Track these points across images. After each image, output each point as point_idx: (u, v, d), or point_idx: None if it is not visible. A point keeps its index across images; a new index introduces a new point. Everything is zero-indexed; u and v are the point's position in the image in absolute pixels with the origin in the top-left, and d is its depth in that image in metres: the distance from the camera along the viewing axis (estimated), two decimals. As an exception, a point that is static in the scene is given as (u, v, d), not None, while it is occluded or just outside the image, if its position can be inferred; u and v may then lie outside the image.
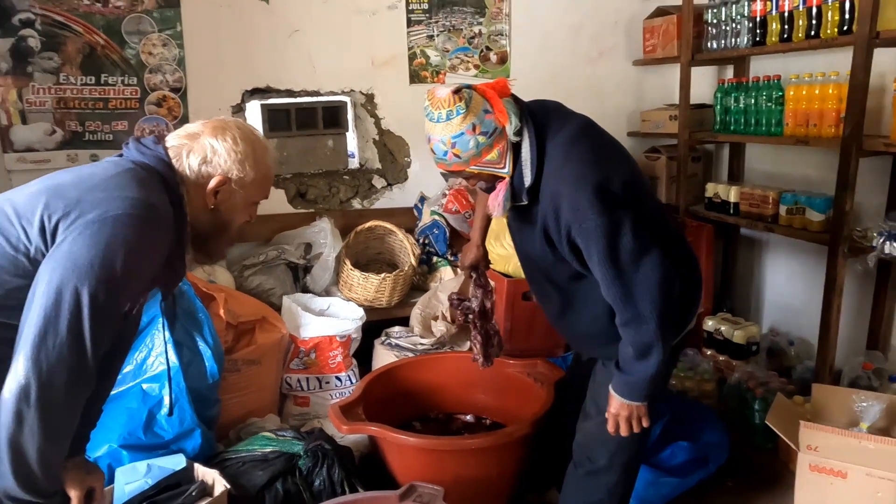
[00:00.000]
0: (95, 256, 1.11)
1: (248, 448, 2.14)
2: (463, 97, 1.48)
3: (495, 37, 3.56)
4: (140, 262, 1.18)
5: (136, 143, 1.32)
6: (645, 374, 1.54)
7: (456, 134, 1.48)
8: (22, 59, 2.96)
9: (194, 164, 1.30)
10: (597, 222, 1.45)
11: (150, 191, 1.21)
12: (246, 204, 1.39)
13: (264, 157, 1.38)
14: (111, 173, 1.22)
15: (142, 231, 1.16)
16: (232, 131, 1.34)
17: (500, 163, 1.53)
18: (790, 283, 3.14)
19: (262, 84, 3.30)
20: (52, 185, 1.22)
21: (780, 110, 2.70)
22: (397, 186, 3.58)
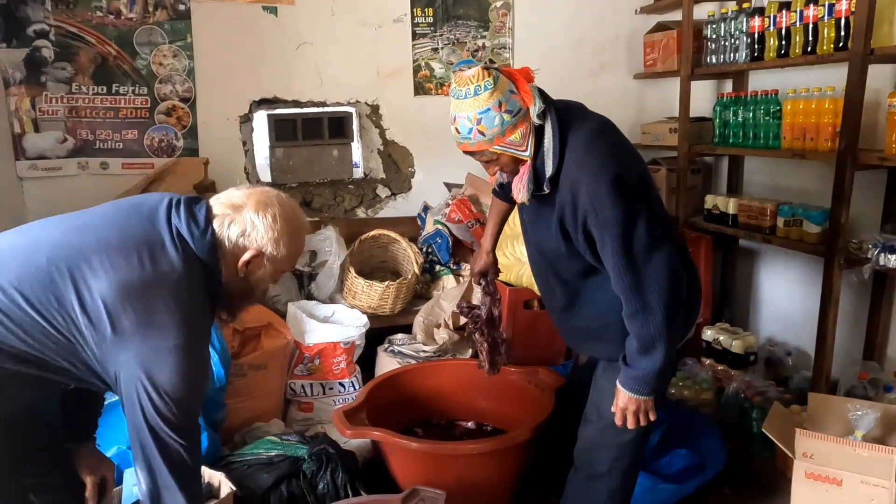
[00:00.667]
0: (170, 392, 1.26)
1: (254, 451, 2.18)
2: (491, 74, 1.51)
3: (498, 50, 3.63)
4: (202, 378, 1.38)
5: (189, 220, 1.34)
6: (651, 368, 1.56)
7: (482, 109, 1.50)
8: (36, 69, 3.03)
9: (233, 235, 1.36)
10: (613, 212, 1.48)
11: (194, 308, 1.31)
12: (273, 275, 1.45)
13: (299, 235, 1.44)
14: (171, 280, 1.29)
15: (198, 354, 1.33)
16: (273, 208, 1.39)
17: (522, 145, 1.55)
18: (787, 293, 3.18)
19: (269, 95, 3.37)
20: (109, 286, 1.25)
21: (777, 124, 2.75)
22: (401, 196, 3.64)
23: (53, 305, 1.22)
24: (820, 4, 2.46)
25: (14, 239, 1.30)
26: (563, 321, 1.87)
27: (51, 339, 1.23)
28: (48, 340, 1.23)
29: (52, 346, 1.23)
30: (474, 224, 3.21)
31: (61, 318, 1.22)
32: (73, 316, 1.22)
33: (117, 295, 1.22)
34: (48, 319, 1.22)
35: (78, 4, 3.04)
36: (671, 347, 1.56)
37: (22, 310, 1.21)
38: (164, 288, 1.26)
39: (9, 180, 3.04)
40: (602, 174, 1.50)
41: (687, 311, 1.71)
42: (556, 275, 1.77)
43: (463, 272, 3.28)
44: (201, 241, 1.33)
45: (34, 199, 3.11)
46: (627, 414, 1.64)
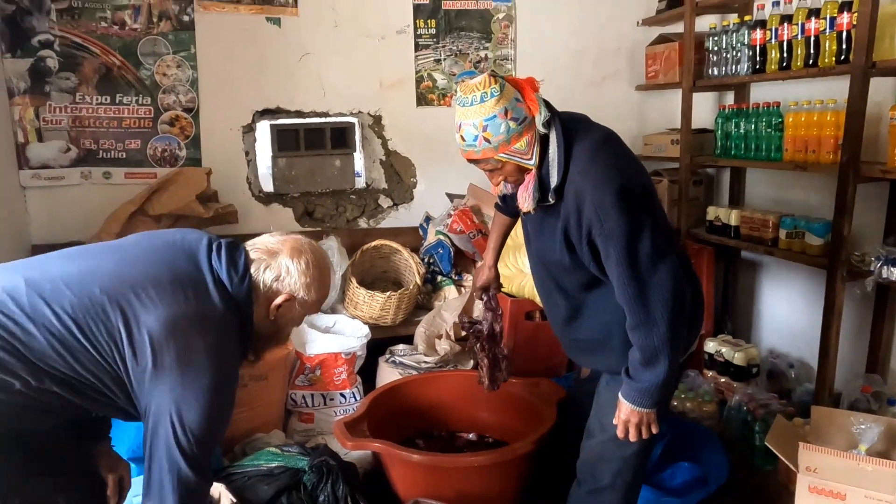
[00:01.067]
0: (198, 426, 1.30)
1: (254, 463, 2.17)
2: (497, 81, 1.52)
3: (501, 61, 3.64)
4: (227, 412, 1.39)
5: (229, 265, 1.40)
6: (654, 381, 1.56)
7: (488, 116, 1.50)
8: (40, 79, 3.05)
9: (268, 279, 1.44)
10: (618, 222, 1.48)
11: (229, 350, 1.37)
12: (300, 318, 1.54)
13: (327, 281, 1.54)
14: (215, 322, 1.34)
15: (227, 397, 1.36)
16: (307, 255, 1.48)
17: (527, 153, 1.55)
18: (790, 305, 3.17)
19: (272, 105, 3.38)
20: (154, 322, 1.29)
21: (779, 136, 2.76)
22: (403, 206, 3.64)
23: (102, 335, 1.26)
24: (821, 18, 2.47)
25: (64, 266, 1.34)
26: (566, 333, 1.87)
27: (97, 367, 1.28)
28: (94, 368, 1.27)
29: (97, 373, 1.28)
30: (476, 235, 3.21)
31: (108, 347, 1.27)
32: (119, 346, 1.27)
33: (163, 330, 1.28)
34: (97, 348, 1.27)
35: (83, 15, 3.06)
36: (674, 359, 1.56)
37: (74, 337, 1.25)
38: (206, 327, 1.32)
39: (12, 189, 3.05)
40: (607, 185, 1.50)
41: (690, 323, 1.71)
42: (559, 286, 1.77)
43: (464, 283, 3.28)
44: (240, 287, 1.40)
45: (37, 208, 3.12)
46: (630, 426, 1.63)
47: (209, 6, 3.20)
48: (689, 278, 1.73)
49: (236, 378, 1.43)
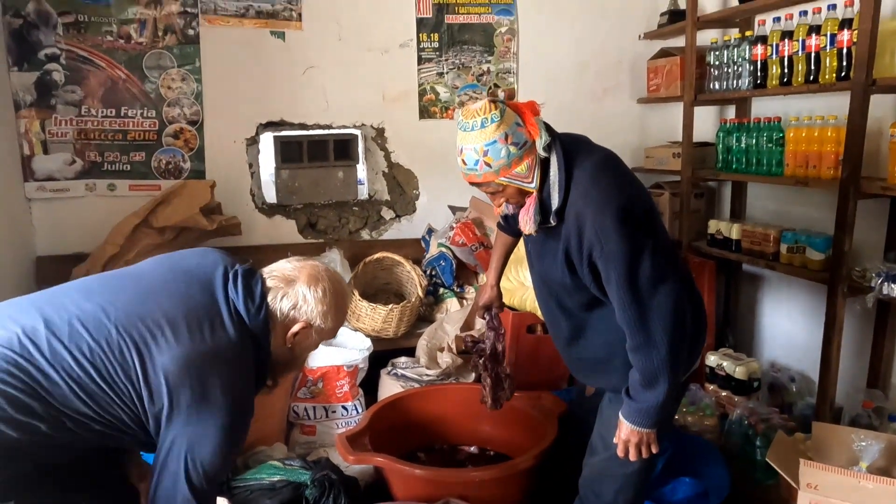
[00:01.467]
0: (210, 463, 1.32)
1: (256, 476, 2.18)
2: (497, 107, 1.54)
3: (503, 74, 3.66)
4: (237, 452, 1.47)
5: (246, 296, 1.41)
6: (654, 402, 1.57)
7: (489, 141, 1.53)
8: (46, 92, 3.07)
9: (285, 307, 1.45)
10: (618, 245, 1.50)
11: (245, 386, 1.39)
12: (316, 345, 1.55)
13: (344, 308, 1.55)
14: (228, 356, 1.35)
15: (240, 434, 1.40)
16: (324, 283, 1.48)
17: (528, 177, 1.57)
18: (791, 320, 3.18)
19: (276, 118, 3.40)
20: (170, 360, 1.32)
21: (780, 151, 2.77)
22: (405, 218, 3.66)
23: (120, 378, 1.29)
24: (822, 34, 2.49)
25: (81, 303, 1.34)
26: (569, 352, 1.88)
27: (116, 408, 1.30)
28: (113, 409, 1.30)
29: (117, 414, 1.31)
30: (478, 247, 3.22)
31: (126, 389, 1.29)
32: (136, 387, 1.29)
33: (179, 370, 1.29)
34: (115, 391, 1.29)
35: (89, 29, 3.09)
36: (675, 381, 1.57)
37: (94, 381, 1.27)
38: (222, 363, 1.34)
39: (17, 201, 3.07)
40: (607, 207, 1.51)
41: (692, 340, 1.71)
42: (562, 306, 1.78)
43: (466, 295, 3.29)
44: (256, 318, 1.41)
45: (42, 220, 3.14)
46: (630, 446, 1.64)
47: (214, 20, 3.23)
48: (691, 295, 1.73)
49: (251, 410, 1.44)
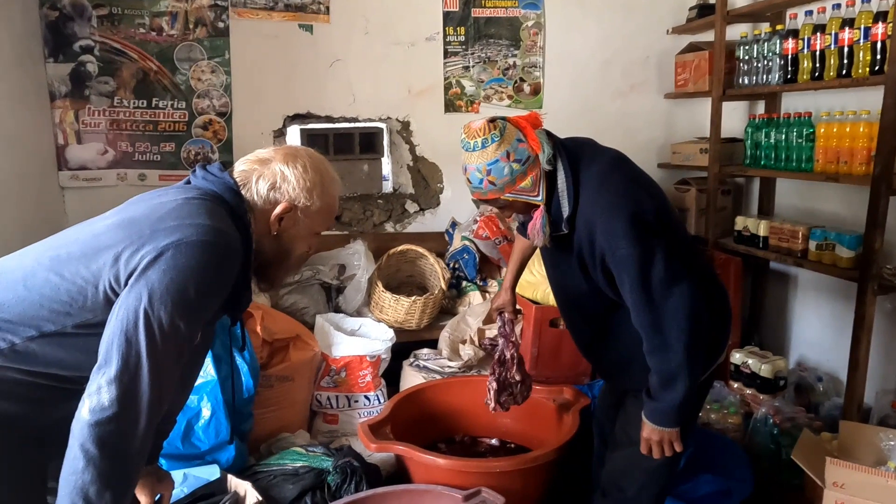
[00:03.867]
0: (171, 281, 1.12)
1: (280, 462, 2.21)
2: (497, 126, 1.56)
3: (529, 68, 3.66)
4: (212, 287, 1.19)
5: (203, 170, 1.33)
6: (673, 402, 1.57)
7: (491, 161, 1.55)
8: (80, 83, 3.14)
9: (263, 189, 1.30)
10: (629, 251, 1.49)
11: (219, 218, 1.22)
12: (308, 233, 1.38)
13: (331, 188, 1.38)
14: (180, 202, 1.22)
15: (213, 257, 1.17)
16: (303, 159, 1.34)
17: (533, 191, 1.58)
18: (819, 318, 3.13)
19: (302, 110, 3.44)
20: (126, 219, 1.23)
21: (810, 147, 2.73)
22: (429, 211, 3.67)
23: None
24: (855, 28, 2.44)
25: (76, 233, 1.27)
26: (591, 356, 1.89)
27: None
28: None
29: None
30: (502, 241, 3.23)
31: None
32: (101, 262, 1.17)
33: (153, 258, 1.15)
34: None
35: (122, 21, 3.15)
36: (693, 381, 1.57)
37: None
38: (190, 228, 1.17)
39: (51, 190, 3.15)
40: (616, 212, 1.51)
41: (718, 333, 1.72)
42: (581, 312, 1.80)
43: (489, 289, 3.30)
44: (219, 177, 1.29)
45: (75, 209, 3.21)
46: (652, 444, 1.65)
47: (244, 13, 3.27)
48: (715, 289, 1.73)
49: (224, 268, 1.21)
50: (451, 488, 1.97)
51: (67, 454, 1.10)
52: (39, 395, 1.20)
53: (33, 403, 1.20)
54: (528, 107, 3.67)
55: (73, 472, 1.09)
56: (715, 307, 1.67)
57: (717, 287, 1.75)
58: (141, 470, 1.22)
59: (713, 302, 1.66)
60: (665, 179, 3.83)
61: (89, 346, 1.15)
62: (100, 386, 1.09)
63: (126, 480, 1.15)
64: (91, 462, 1.08)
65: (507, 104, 3.65)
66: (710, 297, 1.64)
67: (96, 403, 1.08)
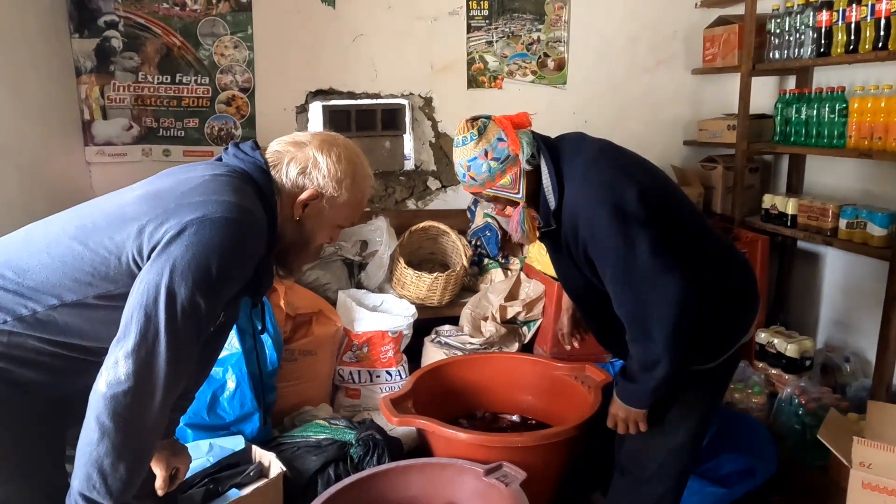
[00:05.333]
0: (193, 257, 1.11)
1: (303, 434, 2.24)
2: (476, 125, 1.62)
3: (553, 43, 3.60)
4: (234, 265, 1.17)
5: (235, 148, 1.32)
6: (646, 388, 1.61)
7: (470, 158, 1.61)
8: (105, 59, 3.16)
9: (293, 173, 1.28)
10: (609, 242, 1.51)
11: (245, 196, 1.20)
12: (331, 224, 1.36)
13: (362, 183, 1.35)
14: (207, 178, 1.22)
15: (237, 234, 1.15)
16: (339, 149, 1.32)
17: (514, 188, 1.63)
18: (847, 298, 3.07)
19: (325, 86, 3.42)
20: (152, 191, 1.22)
21: (843, 122, 2.66)
22: (451, 188, 3.66)
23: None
24: (893, -2, 2.37)
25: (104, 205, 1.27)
26: (604, 341, 1.89)
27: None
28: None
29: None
30: (524, 218, 3.20)
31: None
32: (126, 233, 1.18)
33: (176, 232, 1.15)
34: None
35: (146, -4, 3.16)
36: (673, 370, 1.56)
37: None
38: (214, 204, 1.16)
39: (78, 165, 3.19)
40: (597, 204, 1.53)
41: (742, 311, 1.70)
42: (584, 304, 1.83)
43: (511, 266, 3.28)
44: (250, 155, 1.28)
45: (101, 184, 3.24)
46: (618, 420, 1.71)
47: (266, -13, 3.26)
48: (739, 265, 1.72)
49: (248, 247, 1.20)
50: (472, 462, 1.98)
51: (84, 425, 1.11)
52: (60, 364, 1.21)
53: (54, 372, 1.22)
54: (552, 83, 3.62)
55: (89, 444, 1.10)
56: (734, 289, 1.66)
57: (737, 267, 1.73)
58: (156, 444, 1.23)
59: (730, 284, 1.66)
60: (691, 157, 3.77)
61: (110, 318, 1.15)
62: (117, 359, 1.09)
63: (140, 454, 1.16)
64: (106, 434, 1.09)
65: (530, 80, 3.60)
66: (726, 280, 1.64)
67: (113, 377, 1.09)
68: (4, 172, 2.52)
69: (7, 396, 1.18)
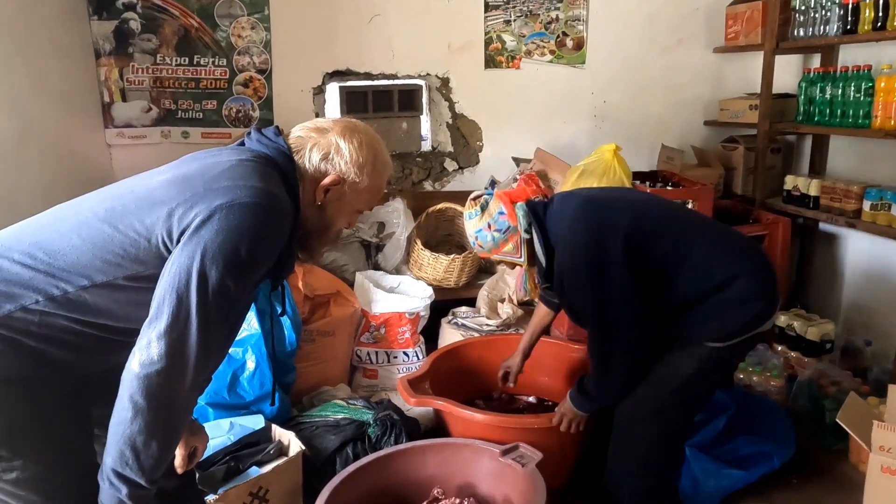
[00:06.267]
0: (223, 241, 1.13)
1: (322, 414, 2.27)
2: (479, 202, 1.93)
3: (572, 22, 3.55)
4: (262, 250, 1.20)
5: (258, 133, 1.34)
6: (596, 403, 1.95)
7: (477, 229, 1.94)
8: (123, 41, 3.17)
9: (315, 158, 1.31)
10: (587, 298, 1.81)
11: (271, 182, 1.22)
12: (351, 209, 1.38)
13: (382, 170, 1.38)
14: (234, 163, 1.24)
15: (265, 220, 1.18)
16: (360, 135, 1.34)
17: (516, 253, 1.94)
18: (870, 281, 3.03)
19: (342, 67, 3.41)
20: (180, 176, 1.24)
21: (868, 102, 2.60)
22: (468, 170, 3.64)
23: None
24: (924, -27, 2.30)
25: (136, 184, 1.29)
26: None
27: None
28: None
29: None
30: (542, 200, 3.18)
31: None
32: (156, 216, 1.19)
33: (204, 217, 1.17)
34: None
35: (163, -22, 3.15)
36: (618, 400, 1.90)
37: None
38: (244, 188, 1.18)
39: (99, 147, 3.22)
40: (574, 264, 1.80)
41: (768, 297, 1.81)
42: None
43: (528, 248, 3.27)
44: (274, 141, 1.30)
45: (121, 166, 3.27)
46: (564, 419, 2.00)
47: (283, -33, 3.24)
48: (750, 254, 1.85)
49: (275, 232, 1.23)
50: (489, 443, 2.00)
51: (117, 404, 1.14)
52: (88, 343, 1.23)
53: (82, 351, 1.24)
54: (571, 62, 3.58)
55: (122, 422, 1.12)
56: (742, 283, 1.77)
57: (752, 252, 1.86)
58: (187, 423, 1.26)
59: (742, 276, 1.77)
60: (711, 137, 3.72)
61: (139, 299, 1.18)
62: (150, 340, 1.12)
63: (171, 432, 1.19)
64: (139, 413, 1.11)
65: (548, 60, 3.56)
66: (737, 272, 1.77)
67: (146, 357, 1.11)
68: (27, 155, 2.55)
69: (36, 375, 1.20)
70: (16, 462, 1.17)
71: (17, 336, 1.16)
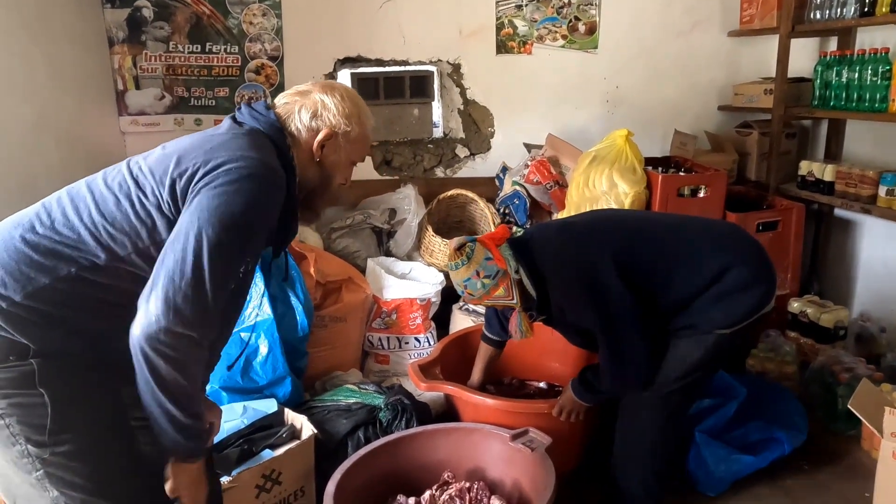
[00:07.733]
0: (220, 205, 1.20)
1: (333, 398, 2.29)
2: (465, 252, 1.85)
3: (584, 6, 3.52)
4: (259, 218, 1.27)
5: (249, 108, 1.41)
6: (600, 397, 2.00)
7: (465, 279, 1.86)
8: (136, 29, 3.19)
9: (306, 118, 1.40)
10: (591, 316, 1.83)
11: (266, 152, 1.31)
12: (347, 161, 1.47)
13: (366, 119, 1.47)
14: (229, 137, 1.32)
15: (262, 188, 1.25)
16: (339, 90, 1.44)
17: (508, 296, 1.87)
18: (885, 267, 3.00)
19: (353, 53, 3.41)
20: (178, 148, 1.32)
21: (886, 85, 2.57)
22: (480, 156, 3.64)
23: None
24: (944, -47, 2.26)
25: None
26: None
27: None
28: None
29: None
30: (553, 186, 3.18)
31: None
32: (159, 186, 1.27)
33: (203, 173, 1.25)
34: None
35: (175, -35, 3.16)
36: (634, 386, 1.90)
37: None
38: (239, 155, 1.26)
39: (113, 135, 3.25)
40: (574, 294, 1.86)
41: (766, 283, 1.85)
42: (591, 341, 1.98)
43: (540, 234, 3.27)
44: (265, 115, 1.37)
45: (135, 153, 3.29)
46: (564, 409, 2.03)
47: (293, -47, 3.23)
48: (735, 241, 1.92)
49: (271, 200, 1.30)
50: (499, 427, 2.01)
51: (136, 368, 1.19)
52: (119, 313, 1.25)
53: (114, 319, 1.26)
54: (583, 47, 3.55)
55: (145, 383, 1.18)
56: (735, 273, 1.81)
57: (734, 249, 1.89)
58: (200, 380, 1.31)
59: (734, 267, 1.82)
60: (725, 122, 3.68)
61: None
62: (147, 302, 1.17)
63: (187, 390, 1.22)
64: (153, 372, 1.16)
65: (560, 45, 3.54)
66: (727, 264, 1.82)
67: (144, 319, 1.16)
68: (43, 142, 2.58)
69: (71, 348, 1.25)
70: (64, 435, 1.22)
71: (51, 309, 1.22)
